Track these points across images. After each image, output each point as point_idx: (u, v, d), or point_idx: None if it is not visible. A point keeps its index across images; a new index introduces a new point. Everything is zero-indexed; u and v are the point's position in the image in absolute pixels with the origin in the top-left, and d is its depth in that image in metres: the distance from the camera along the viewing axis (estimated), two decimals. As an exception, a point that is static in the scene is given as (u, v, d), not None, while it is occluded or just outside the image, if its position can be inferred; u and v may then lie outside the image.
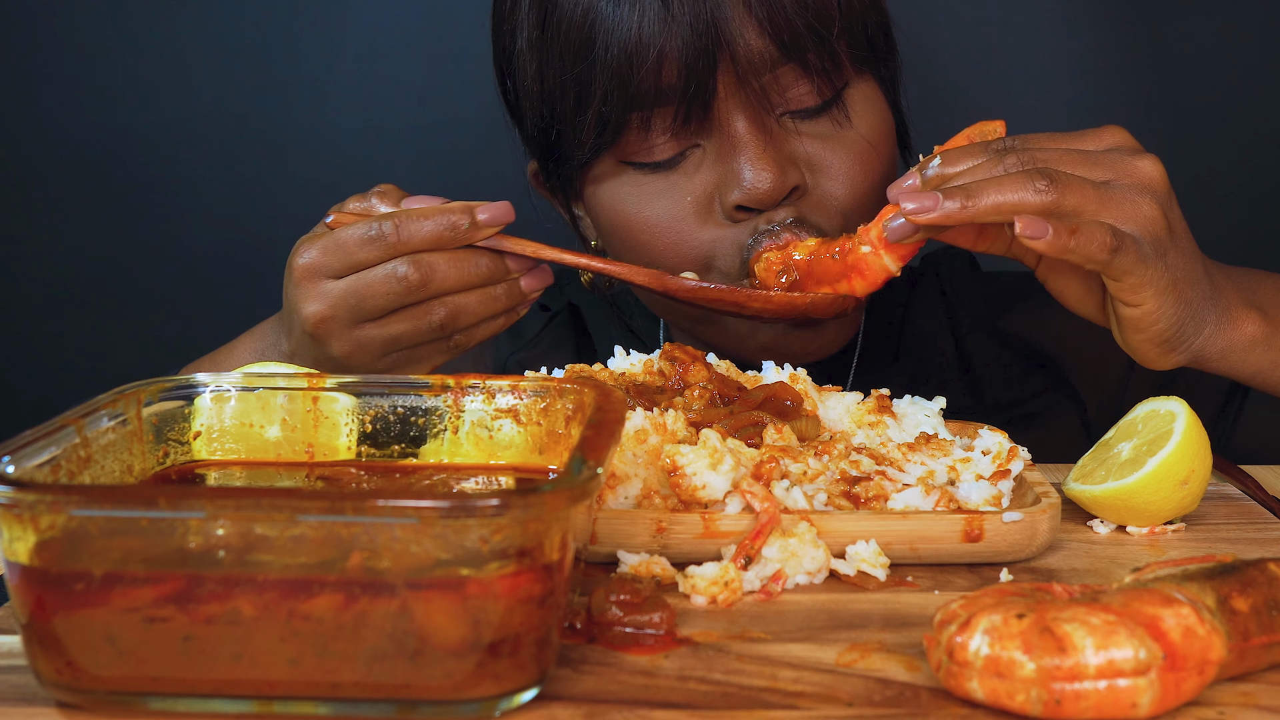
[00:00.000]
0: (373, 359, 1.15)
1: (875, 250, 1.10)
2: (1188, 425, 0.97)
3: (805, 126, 1.22)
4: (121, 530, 0.68)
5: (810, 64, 1.19)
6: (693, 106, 1.17)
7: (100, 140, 2.02)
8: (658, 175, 1.22)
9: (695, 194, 1.22)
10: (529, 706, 0.71)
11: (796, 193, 1.20)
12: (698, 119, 1.18)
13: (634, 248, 1.25)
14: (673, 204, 1.22)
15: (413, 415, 0.93)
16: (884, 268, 1.10)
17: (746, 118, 1.18)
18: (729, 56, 1.15)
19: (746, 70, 1.16)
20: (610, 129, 1.19)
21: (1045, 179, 0.97)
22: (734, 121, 1.18)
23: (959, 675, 0.70)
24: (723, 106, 1.18)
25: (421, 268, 1.10)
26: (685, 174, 1.22)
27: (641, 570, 0.88)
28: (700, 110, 1.17)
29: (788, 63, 1.18)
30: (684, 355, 1.06)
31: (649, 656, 0.77)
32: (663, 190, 1.22)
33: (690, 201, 1.22)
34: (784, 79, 1.19)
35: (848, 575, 0.89)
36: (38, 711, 0.71)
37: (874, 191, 1.25)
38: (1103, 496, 0.98)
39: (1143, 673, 0.67)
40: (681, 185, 1.22)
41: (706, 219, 1.22)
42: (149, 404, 0.88)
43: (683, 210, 1.22)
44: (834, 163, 1.22)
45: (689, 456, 0.91)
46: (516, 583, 0.67)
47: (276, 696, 0.69)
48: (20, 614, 0.69)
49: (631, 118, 1.19)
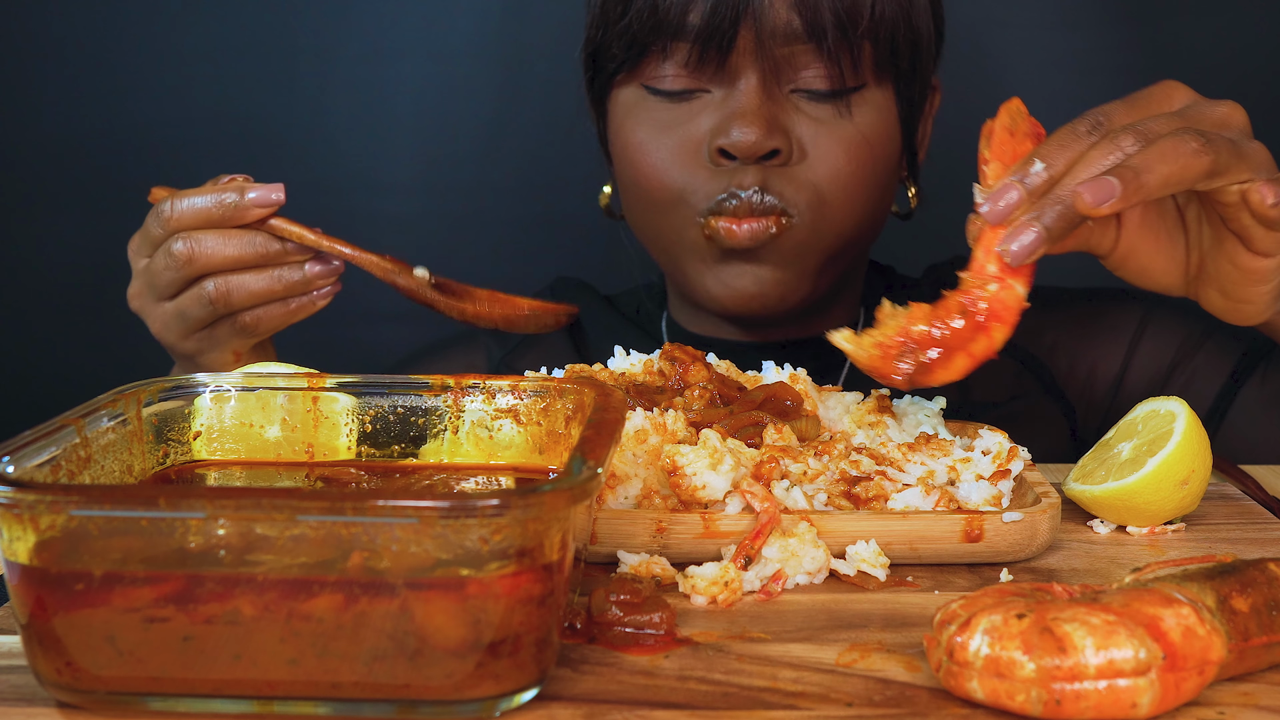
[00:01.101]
0: (178, 339, 1.19)
1: (1004, 283, 0.94)
2: (1188, 425, 0.97)
3: (807, 107, 1.29)
4: (121, 530, 0.68)
5: (828, 51, 1.26)
6: (707, 50, 1.26)
7: (100, 140, 2.02)
8: (666, 106, 1.32)
9: (691, 133, 1.31)
10: (529, 706, 0.71)
11: (776, 157, 1.27)
12: (711, 65, 1.27)
13: (627, 165, 1.35)
14: (670, 135, 1.31)
15: (413, 415, 0.93)
16: (1018, 299, 0.94)
17: (756, 78, 1.27)
18: (754, 17, 1.24)
19: (767, 36, 1.25)
20: (636, 47, 1.30)
21: (1197, 139, 0.92)
22: (744, 78, 1.27)
23: (959, 675, 0.70)
24: (737, 62, 1.27)
25: (189, 243, 1.13)
26: (689, 113, 1.31)
27: (641, 570, 0.88)
28: (714, 56, 1.26)
29: (809, 42, 1.25)
30: (684, 355, 1.06)
31: (649, 656, 0.77)
32: (666, 122, 1.31)
33: (684, 138, 1.31)
34: (801, 57, 1.27)
35: (848, 575, 0.89)
36: (38, 711, 0.71)
37: (852, 186, 1.30)
38: (1103, 496, 0.98)
39: (1143, 673, 0.67)
40: (683, 121, 1.31)
41: (693, 159, 1.30)
42: (149, 404, 0.88)
43: (675, 143, 1.31)
44: (822, 144, 1.29)
45: (689, 456, 0.91)
46: (516, 583, 0.67)
47: (276, 696, 0.69)
48: (20, 614, 0.69)
49: (654, 43, 1.29)
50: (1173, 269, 1.04)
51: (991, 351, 0.95)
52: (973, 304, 0.94)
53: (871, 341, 0.94)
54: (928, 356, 0.93)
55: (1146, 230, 1.03)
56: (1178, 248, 1.04)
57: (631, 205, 1.38)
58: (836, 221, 1.31)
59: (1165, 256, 1.04)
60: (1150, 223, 1.03)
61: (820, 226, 1.30)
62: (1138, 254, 1.03)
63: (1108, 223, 1.02)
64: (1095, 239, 1.02)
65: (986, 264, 0.94)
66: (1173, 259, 1.04)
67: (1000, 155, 0.97)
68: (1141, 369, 1.44)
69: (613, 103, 1.38)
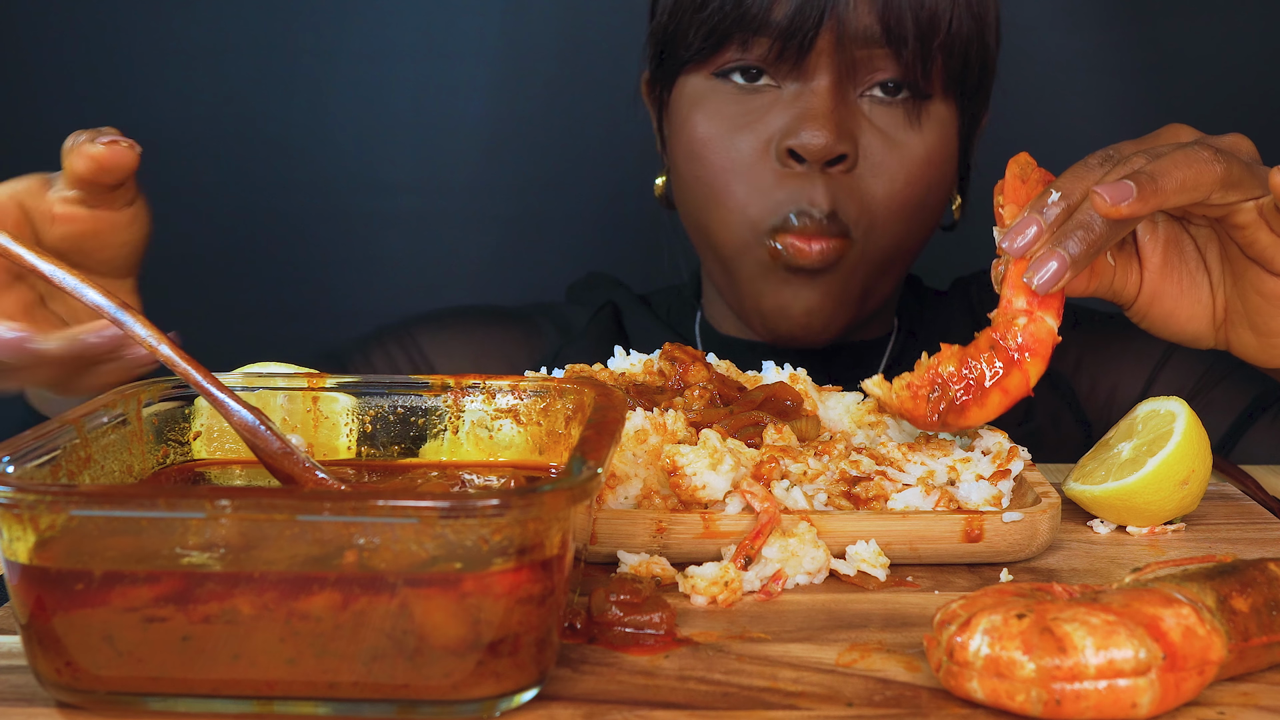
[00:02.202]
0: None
1: (1033, 316, 0.95)
2: (1188, 425, 0.97)
3: (878, 114, 1.30)
4: (121, 530, 0.68)
5: (905, 58, 1.26)
6: (787, 48, 1.26)
7: (100, 140, 2.02)
8: (736, 97, 1.31)
9: (760, 129, 1.30)
10: (529, 706, 0.71)
11: (843, 163, 1.27)
12: (789, 61, 1.27)
13: (691, 160, 1.33)
14: (738, 134, 1.30)
15: (413, 415, 0.93)
16: (1049, 331, 0.95)
17: (831, 80, 1.27)
18: (836, 20, 1.24)
19: (848, 38, 1.25)
20: (715, 37, 1.29)
21: (1209, 149, 0.93)
22: (818, 78, 1.27)
23: (959, 675, 0.70)
24: (815, 61, 1.27)
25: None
26: (759, 106, 1.31)
27: (641, 570, 0.88)
28: (794, 55, 1.26)
29: (886, 47, 1.26)
30: (684, 355, 1.06)
31: (649, 656, 0.77)
32: (735, 115, 1.31)
33: (752, 134, 1.30)
34: (877, 60, 1.28)
35: (848, 575, 0.89)
36: (38, 711, 0.71)
37: (909, 204, 1.30)
38: (1103, 496, 0.98)
39: (1143, 673, 0.67)
40: (752, 116, 1.30)
41: (760, 159, 1.30)
42: (149, 404, 0.88)
43: (742, 139, 1.30)
44: (887, 160, 1.29)
45: (689, 456, 0.91)
46: (516, 582, 0.67)
47: (276, 696, 0.69)
48: (20, 614, 0.69)
49: (734, 35, 1.28)
50: (1199, 314, 1.03)
51: (1026, 388, 0.95)
52: (1003, 340, 0.94)
53: (901, 384, 0.94)
54: (958, 396, 0.93)
55: (1169, 272, 1.02)
56: (1202, 291, 1.03)
57: (689, 202, 1.37)
58: (885, 241, 1.31)
59: (1190, 300, 1.03)
60: (1172, 264, 1.02)
61: (868, 246, 1.30)
62: (1162, 299, 1.03)
63: (1130, 264, 1.02)
64: (1118, 283, 1.02)
65: (1014, 300, 0.95)
66: (1198, 303, 1.03)
67: (1015, 200, 0.98)
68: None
69: (678, 91, 1.36)
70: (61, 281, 0.81)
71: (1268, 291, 1.00)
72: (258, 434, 0.82)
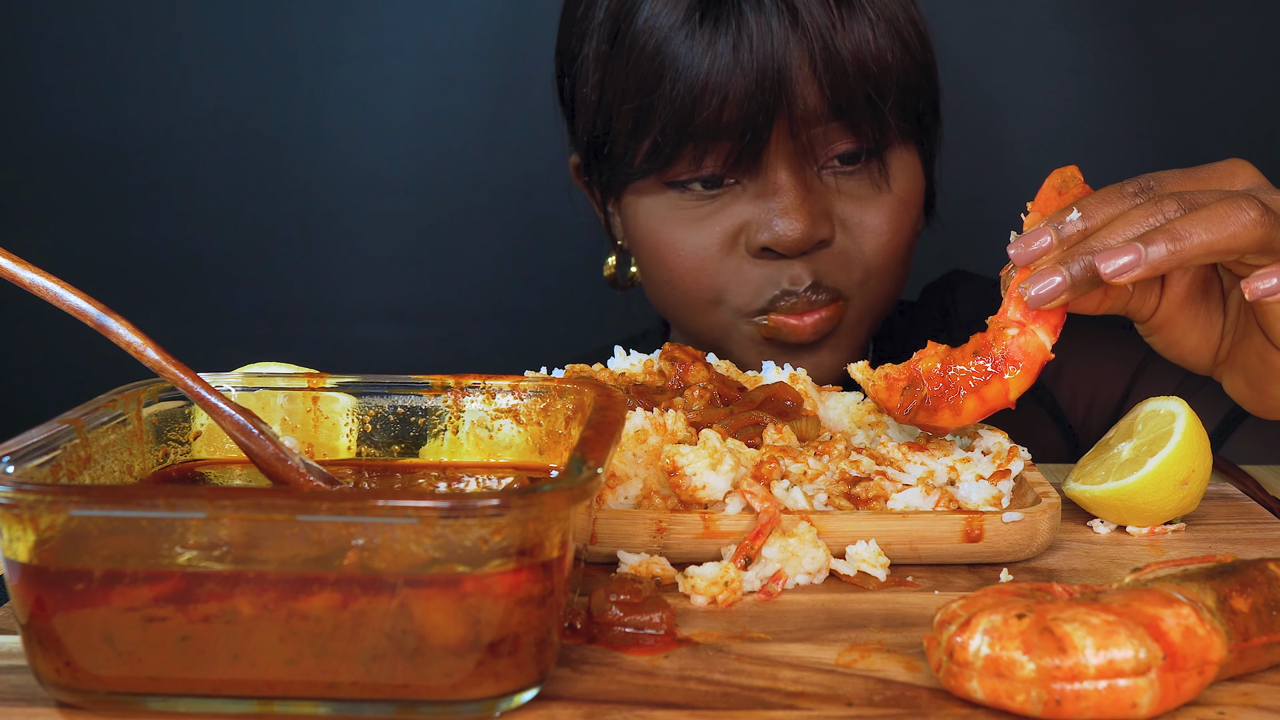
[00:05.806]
0: None
1: (1023, 329, 0.94)
2: (1188, 425, 0.97)
3: (844, 184, 1.26)
4: (121, 530, 0.68)
5: (859, 128, 1.23)
6: (745, 151, 1.21)
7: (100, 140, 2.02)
8: (695, 203, 1.27)
9: (726, 227, 1.26)
10: (529, 706, 0.71)
11: (822, 246, 1.25)
12: (747, 161, 1.22)
13: (658, 264, 1.30)
14: (703, 232, 1.27)
15: (413, 415, 0.93)
16: (1040, 347, 0.94)
17: (790, 168, 1.23)
18: (786, 110, 1.19)
19: (799, 123, 1.21)
20: (662, 158, 1.24)
21: (1257, 207, 0.88)
22: (778, 169, 1.23)
23: (959, 675, 0.70)
24: (770, 153, 1.22)
25: None
26: (721, 206, 1.27)
27: (641, 570, 0.88)
28: (751, 154, 1.21)
29: (836, 120, 1.22)
30: (684, 355, 1.06)
31: (649, 656, 0.77)
32: (697, 218, 1.27)
33: (719, 233, 1.26)
34: (831, 134, 1.24)
35: (848, 575, 0.89)
36: (38, 711, 0.71)
37: (900, 251, 1.29)
38: (1103, 496, 0.98)
39: (1143, 673, 0.67)
40: (716, 216, 1.27)
41: (730, 252, 1.26)
42: (149, 404, 0.88)
43: (711, 240, 1.26)
44: (866, 220, 1.26)
45: (689, 456, 0.91)
46: (516, 582, 0.67)
47: (275, 696, 0.69)
48: (20, 614, 0.69)
49: (684, 150, 1.23)
50: (1204, 348, 1.02)
51: (1005, 399, 0.94)
52: (990, 346, 0.94)
53: (881, 373, 0.95)
54: (933, 395, 0.93)
55: (1188, 305, 1.00)
56: (1214, 329, 1.02)
57: (664, 300, 1.33)
58: (885, 289, 1.30)
59: (1199, 335, 1.02)
60: (1194, 299, 1.01)
61: (869, 298, 1.29)
62: (1172, 327, 1.01)
63: (1150, 289, 1.00)
64: (1135, 304, 1.00)
65: (1010, 310, 0.94)
66: (1206, 339, 1.02)
67: (1043, 210, 0.97)
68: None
69: (629, 203, 1.32)
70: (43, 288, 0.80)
71: (1271, 362, 0.98)
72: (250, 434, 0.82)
